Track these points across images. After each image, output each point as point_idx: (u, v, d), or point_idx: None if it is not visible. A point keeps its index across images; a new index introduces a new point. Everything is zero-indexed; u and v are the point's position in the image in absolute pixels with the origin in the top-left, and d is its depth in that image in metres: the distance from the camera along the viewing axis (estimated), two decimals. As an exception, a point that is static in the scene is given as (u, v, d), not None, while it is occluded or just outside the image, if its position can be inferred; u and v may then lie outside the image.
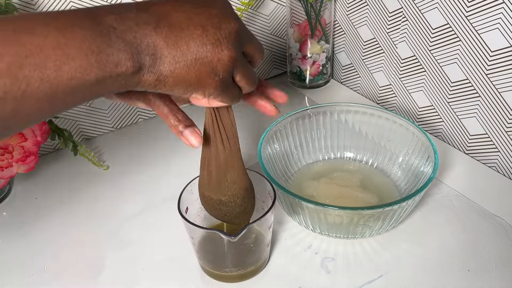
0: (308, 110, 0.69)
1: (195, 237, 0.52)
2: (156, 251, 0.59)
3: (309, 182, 0.65)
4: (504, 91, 0.65)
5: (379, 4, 0.79)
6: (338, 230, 0.56)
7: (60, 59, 0.29)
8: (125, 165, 0.75)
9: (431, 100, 0.77)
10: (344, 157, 0.71)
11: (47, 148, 0.78)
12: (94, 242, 0.61)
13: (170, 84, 0.34)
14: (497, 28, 0.62)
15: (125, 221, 0.64)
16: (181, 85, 0.34)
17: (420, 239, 0.59)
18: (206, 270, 0.54)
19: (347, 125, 0.70)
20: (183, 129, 0.40)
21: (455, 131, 0.75)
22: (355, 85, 0.93)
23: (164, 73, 0.33)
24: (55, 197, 0.69)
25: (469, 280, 0.53)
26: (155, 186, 0.69)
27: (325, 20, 0.87)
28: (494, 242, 0.57)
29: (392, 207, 0.52)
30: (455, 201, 0.64)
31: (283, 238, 0.59)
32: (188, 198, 0.53)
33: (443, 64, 0.72)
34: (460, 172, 0.69)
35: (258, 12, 0.88)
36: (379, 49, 0.83)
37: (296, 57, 0.91)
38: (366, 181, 0.65)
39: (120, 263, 0.57)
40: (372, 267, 0.55)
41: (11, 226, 0.64)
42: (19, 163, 0.63)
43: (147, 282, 0.55)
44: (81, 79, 0.30)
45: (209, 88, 0.35)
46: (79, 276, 0.56)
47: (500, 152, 0.69)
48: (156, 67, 0.33)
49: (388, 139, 0.68)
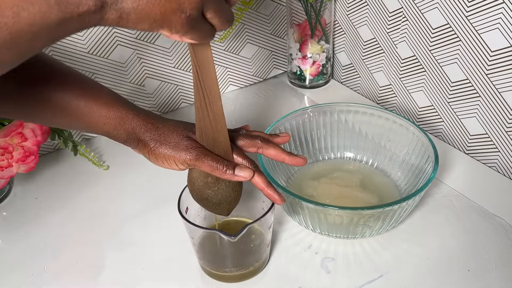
0: (308, 110, 0.69)
1: (195, 237, 0.52)
2: (156, 251, 0.59)
3: (309, 182, 0.65)
4: (504, 91, 0.65)
5: (379, 4, 0.79)
6: (338, 230, 0.56)
7: (18, 4, 0.28)
8: (125, 165, 0.74)
9: (431, 100, 0.77)
10: (344, 157, 0.71)
11: (47, 148, 0.78)
12: (94, 242, 0.61)
13: (133, 21, 0.33)
14: (497, 28, 0.62)
15: (125, 221, 0.64)
16: (145, 21, 0.33)
17: (420, 239, 0.59)
18: (206, 270, 0.54)
19: (347, 125, 0.70)
20: (233, 171, 0.46)
21: (455, 131, 0.75)
22: (355, 85, 0.93)
23: (126, 10, 0.32)
24: (55, 197, 0.69)
25: (469, 280, 0.53)
26: (155, 186, 0.69)
27: (325, 20, 0.87)
28: (494, 242, 0.57)
29: (392, 207, 0.52)
30: (455, 201, 0.64)
31: (283, 238, 0.59)
32: (188, 198, 0.53)
33: (443, 64, 0.72)
34: (460, 172, 0.69)
35: (258, 12, 0.88)
36: (379, 49, 0.84)
37: (296, 57, 0.91)
38: (366, 181, 0.65)
39: (120, 263, 0.57)
40: (372, 267, 0.55)
41: (11, 226, 0.64)
42: (19, 163, 0.63)
43: (147, 282, 0.55)
44: (41, 24, 0.29)
45: (176, 25, 0.34)
46: (79, 276, 0.56)
47: (500, 152, 0.69)
48: (118, 4, 0.31)
49: (388, 139, 0.68)
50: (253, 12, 0.88)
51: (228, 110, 0.88)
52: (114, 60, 0.78)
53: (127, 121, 0.48)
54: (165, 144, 0.47)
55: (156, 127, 0.48)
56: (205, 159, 0.46)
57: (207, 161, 0.46)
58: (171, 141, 0.47)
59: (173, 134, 0.48)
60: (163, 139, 0.47)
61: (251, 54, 0.92)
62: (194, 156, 0.46)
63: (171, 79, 0.85)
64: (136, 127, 0.48)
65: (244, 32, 0.89)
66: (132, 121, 0.48)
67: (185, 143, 0.47)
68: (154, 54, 0.81)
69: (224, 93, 0.94)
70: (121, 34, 0.77)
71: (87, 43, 0.74)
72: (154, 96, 0.85)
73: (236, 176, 0.46)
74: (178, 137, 0.48)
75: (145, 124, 0.49)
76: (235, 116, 0.86)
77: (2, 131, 0.60)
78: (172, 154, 0.47)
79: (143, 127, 0.48)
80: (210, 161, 0.46)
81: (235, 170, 0.46)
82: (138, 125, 0.48)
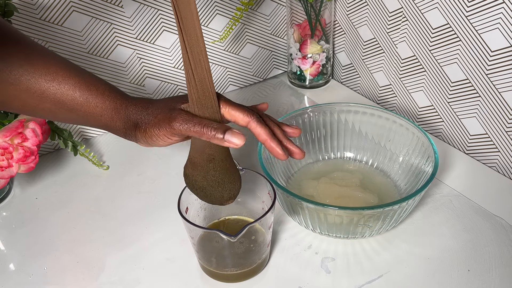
0: (308, 110, 0.69)
1: (195, 237, 0.52)
2: (156, 251, 0.59)
3: (309, 182, 0.65)
4: (504, 91, 0.65)
5: (379, 4, 0.79)
6: (338, 230, 0.56)
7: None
8: (125, 165, 0.75)
9: (431, 100, 0.77)
10: (344, 157, 0.71)
11: (47, 148, 0.78)
12: (94, 242, 0.61)
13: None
14: (497, 28, 0.62)
15: (125, 221, 0.64)
16: None
17: (420, 239, 0.59)
18: (206, 270, 0.54)
19: (347, 125, 0.70)
20: (223, 135, 0.43)
21: (455, 131, 0.75)
22: (355, 85, 0.93)
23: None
24: (55, 197, 0.69)
25: (469, 280, 0.53)
26: (155, 186, 0.69)
27: (325, 20, 0.87)
28: (494, 242, 0.57)
29: (392, 207, 0.52)
30: (455, 201, 0.64)
31: (283, 238, 0.59)
32: (188, 198, 0.53)
33: (443, 64, 0.72)
34: (460, 172, 0.69)
35: (258, 12, 0.88)
36: (379, 49, 0.84)
37: (296, 57, 0.91)
38: (366, 181, 0.65)
39: (120, 263, 0.57)
40: (372, 267, 0.55)
41: (11, 226, 0.64)
42: (19, 163, 0.63)
43: (147, 282, 0.55)
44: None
45: None
46: (79, 276, 0.56)
47: (500, 152, 0.69)
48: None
49: (388, 139, 0.68)
50: (253, 12, 0.88)
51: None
52: (114, 60, 0.78)
53: (121, 110, 0.49)
54: (153, 121, 0.47)
55: (146, 107, 0.48)
56: (190, 124, 0.44)
57: (193, 125, 0.44)
58: (159, 116, 0.47)
59: (161, 109, 0.47)
60: (152, 117, 0.47)
61: (251, 54, 0.92)
62: (179, 123, 0.45)
63: (171, 79, 0.85)
64: (130, 113, 0.49)
65: (244, 32, 0.89)
66: (126, 109, 0.49)
67: (171, 114, 0.46)
68: (154, 54, 0.81)
69: (224, 93, 0.94)
70: (121, 34, 0.77)
71: (87, 43, 0.74)
72: (154, 96, 0.85)
73: (225, 141, 0.44)
74: (165, 110, 0.47)
75: (136, 108, 0.49)
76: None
77: (2, 131, 0.60)
78: (161, 128, 0.46)
79: (135, 110, 0.48)
80: (196, 125, 0.44)
81: (225, 135, 0.43)
82: (131, 110, 0.49)
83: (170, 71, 0.85)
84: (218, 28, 0.85)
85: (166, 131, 0.46)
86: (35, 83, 0.46)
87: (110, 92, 0.49)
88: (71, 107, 0.48)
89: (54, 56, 0.49)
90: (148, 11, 0.77)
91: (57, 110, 0.49)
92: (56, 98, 0.47)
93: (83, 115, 0.49)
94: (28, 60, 0.46)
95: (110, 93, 0.49)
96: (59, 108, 0.48)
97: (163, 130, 0.46)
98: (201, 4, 0.81)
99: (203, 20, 0.83)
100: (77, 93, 0.48)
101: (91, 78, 0.50)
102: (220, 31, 0.85)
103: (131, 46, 0.78)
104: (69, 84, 0.48)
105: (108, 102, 0.49)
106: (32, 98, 0.47)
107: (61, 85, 0.47)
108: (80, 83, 0.48)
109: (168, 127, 0.46)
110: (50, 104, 0.48)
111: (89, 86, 0.49)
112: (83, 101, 0.48)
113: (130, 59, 0.79)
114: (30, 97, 0.47)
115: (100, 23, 0.74)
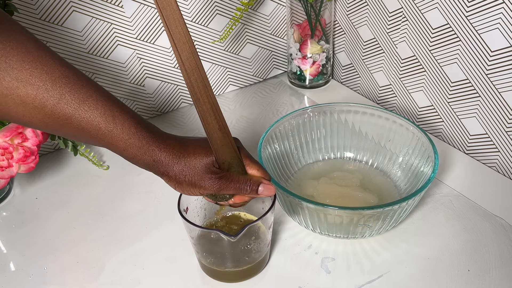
0: (308, 110, 0.69)
1: (195, 237, 0.52)
2: (156, 251, 0.59)
3: (309, 182, 0.65)
4: (504, 91, 0.65)
5: (379, 4, 0.79)
6: (338, 230, 0.56)
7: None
8: (125, 165, 0.74)
9: (431, 100, 0.77)
10: (344, 157, 0.71)
11: (47, 148, 0.78)
12: (94, 242, 0.61)
13: None
14: (497, 28, 0.62)
15: (125, 221, 0.64)
16: None
17: (420, 239, 0.59)
18: (206, 270, 0.54)
19: (347, 125, 0.70)
20: (256, 190, 0.48)
21: (455, 131, 0.75)
22: (355, 85, 0.93)
23: None
24: (55, 197, 0.69)
25: (469, 280, 0.53)
26: (155, 186, 0.69)
27: (325, 20, 0.87)
28: (494, 242, 0.57)
29: (392, 207, 0.52)
30: (455, 201, 0.64)
31: (283, 238, 0.60)
32: (188, 198, 0.53)
33: (443, 64, 0.72)
34: (460, 172, 0.69)
35: (258, 12, 0.88)
36: (379, 49, 0.84)
37: (296, 57, 0.91)
38: (366, 181, 0.65)
39: (120, 263, 0.57)
40: (372, 267, 0.55)
41: (11, 226, 0.64)
42: (19, 163, 0.63)
43: (147, 282, 0.55)
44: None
45: None
46: (79, 276, 0.56)
47: (500, 152, 0.69)
48: None
49: (388, 139, 0.68)
50: (253, 12, 0.88)
51: (228, 110, 0.88)
52: (114, 60, 0.78)
53: (147, 153, 0.47)
54: (185, 182, 0.48)
55: (175, 160, 0.48)
56: (230, 186, 0.48)
57: (232, 186, 0.48)
58: (191, 180, 0.48)
59: (193, 169, 0.48)
60: (182, 177, 0.48)
61: (251, 54, 0.92)
62: (218, 186, 0.48)
63: (171, 79, 0.85)
64: (157, 160, 0.47)
65: (244, 32, 0.89)
66: (152, 154, 0.47)
67: (208, 175, 0.48)
68: (154, 54, 0.81)
69: (224, 93, 0.94)
70: (121, 34, 0.77)
71: (87, 43, 0.74)
72: (154, 96, 0.85)
73: (259, 195, 0.49)
74: (200, 169, 0.48)
75: (166, 156, 0.48)
76: (235, 116, 0.86)
77: (2, 131, 0.60)
78: (192, 191, 0.48)
79: (163, 158, 0.47)
80: (235, 185, 0.48)
81: (258, 189, 0.49)
82: (158, 156, 0.47)
83: (170, 71, 0.85)
84: (218, 28, 0.85)
85: (204, 189, 0.48)
86: (60, 109, 0.44)
87: (136, 129, 0.47)
88: (94, 135, 0.46)
89: (87, 79, 0.48)
90: (148, 11, 0.77)
91: (79, 135, 0.47)
92: (81, 126, 0.45)
93: (106, 145, 0.48)
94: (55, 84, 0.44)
95: (136, 130, 0.47)
96: (81, 133, 0.46)
97: (195, 192, 0.48)
98: (201, 4, 0.81)
99: (203, 20, 0.83)
100: (102, 124, 0.46)
101: (119, 107, 0.47)
102: (220, 31, 0.85)
103: (131, 46, 0.78)
104: (95, 114, 0.45)
105: (132, 140, 0.47)
106: (56, 123, 0.45)
107: (88, 114, 0.45)
108: (107, 114, 0.46)
109: (199, 192, 0.48)
110: (73, 130, 0.46)
111: (115, 119, 0.46)
112: (107, 133, 0.46)
113: (130, 59, 0.79)
114: (54, 121, 0.45)
115: (100, 23, 0.74)
